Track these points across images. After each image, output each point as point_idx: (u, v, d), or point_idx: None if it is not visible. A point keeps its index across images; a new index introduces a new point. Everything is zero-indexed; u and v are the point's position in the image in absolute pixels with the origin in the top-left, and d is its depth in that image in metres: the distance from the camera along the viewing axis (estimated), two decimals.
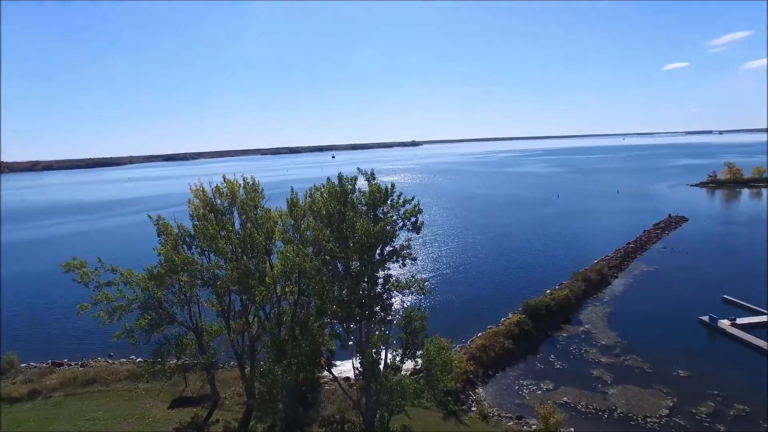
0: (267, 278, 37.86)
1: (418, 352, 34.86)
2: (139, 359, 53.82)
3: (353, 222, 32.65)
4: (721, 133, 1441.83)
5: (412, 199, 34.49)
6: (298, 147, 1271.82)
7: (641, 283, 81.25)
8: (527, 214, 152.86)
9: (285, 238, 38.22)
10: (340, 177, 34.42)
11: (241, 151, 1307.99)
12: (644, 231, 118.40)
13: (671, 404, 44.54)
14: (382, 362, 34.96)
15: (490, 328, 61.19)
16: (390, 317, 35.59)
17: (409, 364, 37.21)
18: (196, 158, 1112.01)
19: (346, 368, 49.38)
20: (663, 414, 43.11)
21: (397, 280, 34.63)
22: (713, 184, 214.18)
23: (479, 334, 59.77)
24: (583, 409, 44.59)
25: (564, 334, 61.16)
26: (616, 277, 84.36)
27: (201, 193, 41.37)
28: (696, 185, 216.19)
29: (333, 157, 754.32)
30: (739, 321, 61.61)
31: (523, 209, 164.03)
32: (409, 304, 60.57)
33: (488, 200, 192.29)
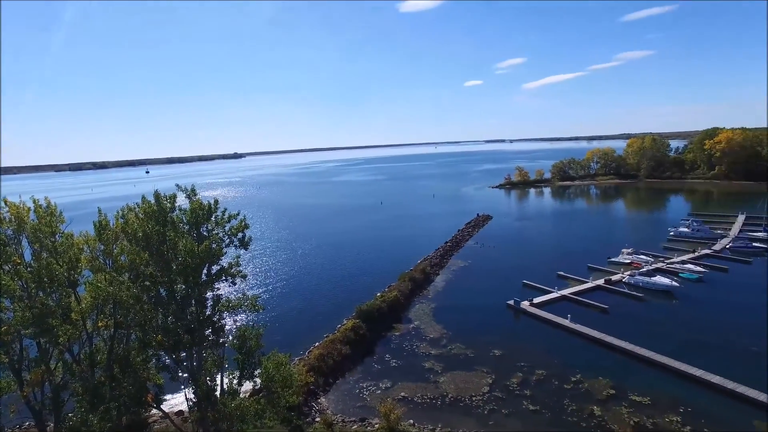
0: (73, 314, 32.71)
1: (256, 372, 33.69)
2: None
3: (175, 243, 30.25)
4: (512, 142, 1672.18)
5: (238, 214, 33.34)
6: (104, 162, 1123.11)
7: (459, 278, 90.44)
8: (354, 222, 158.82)
9: (94, 266, 33.53)
10: (156, 194, 31.58)
11: (28, 167, 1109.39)
12: (458, 230, 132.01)
13: (490, 381, 50.45)
14: (219, 388, 32.95)
15: (327, 336, 61.90)
16: (223, 339, 33.75)
17: (247, 386, 35.70)
18: None
19: (178, 401, 45.31)
20: (485, 391, 48.61)
21: (228, 300, 33.04)
22: (509, 185, 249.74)
23: (317, 343, 60.07)
24: (419, 401, 47.81)
25: (396, 333, 64.86)
26: (438, 274, 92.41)
27: None
28: (496, 187, 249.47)
29: (147, 172, 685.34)
30: (536, 300, 72.57)
31: (350, 217, 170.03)
32: (242, 322, 58.03)
33: (315, 210, 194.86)
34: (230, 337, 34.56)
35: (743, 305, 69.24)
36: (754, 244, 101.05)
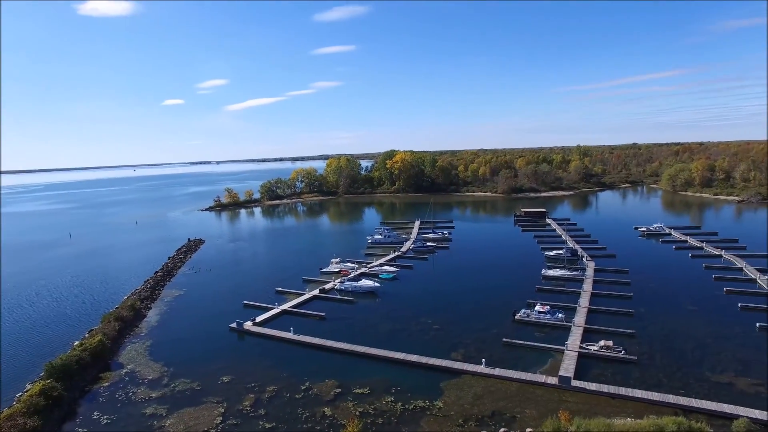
0: None
1: None
2: None
3: None
4: (218, 163, 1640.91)
5: None
6: None
7: (175, 308, 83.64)
8: (32, 262, 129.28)
9: None
10: None
11: None
12: (169, 258, 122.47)
13: (222, 410, 48.14)
14: None
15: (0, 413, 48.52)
16: None
17: None
18: None
19: None
20: (217, 422, 46.09)
21: None
22: (219, 207, 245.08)
23: None
24: None
25: (105, 384, 55.54)
26: (150, 308, 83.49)
27: None
28: (206, 210, 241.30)
29: None
30: (258, 319, 73.06)
31: (26, 256, 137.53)
32: None
33: None
34: None
35: (426, 294, 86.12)
36: (428, 243, 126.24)
